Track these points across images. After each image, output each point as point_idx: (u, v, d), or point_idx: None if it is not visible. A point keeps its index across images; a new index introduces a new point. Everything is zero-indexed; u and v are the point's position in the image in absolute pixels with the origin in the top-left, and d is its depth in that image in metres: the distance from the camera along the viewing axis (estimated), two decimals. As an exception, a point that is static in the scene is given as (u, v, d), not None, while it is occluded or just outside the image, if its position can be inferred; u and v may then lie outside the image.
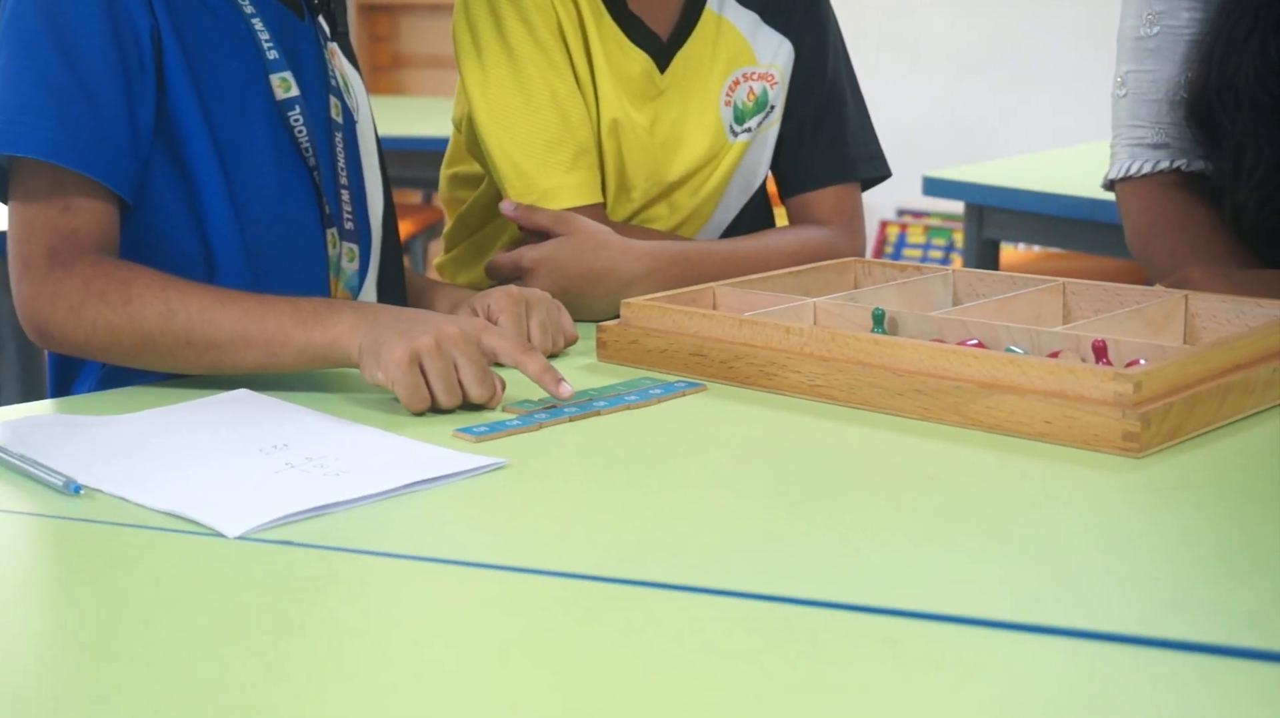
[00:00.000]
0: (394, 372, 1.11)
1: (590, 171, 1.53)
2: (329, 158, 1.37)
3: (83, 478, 0.97)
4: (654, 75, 1.56)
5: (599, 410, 1.15)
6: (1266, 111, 1.44)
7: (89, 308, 1.19)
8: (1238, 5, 1.46)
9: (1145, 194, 1.58)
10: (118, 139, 1.22)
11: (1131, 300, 1.29)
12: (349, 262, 1.38)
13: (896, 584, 0.80)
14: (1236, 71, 1.44)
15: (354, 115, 1.42)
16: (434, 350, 1.11)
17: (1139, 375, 1.01)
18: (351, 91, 1.44)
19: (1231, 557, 0.84)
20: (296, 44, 1.35)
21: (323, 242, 1.36)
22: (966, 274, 1.40)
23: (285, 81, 1.32)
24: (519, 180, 1.51)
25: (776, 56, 1.61)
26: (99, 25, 1.22)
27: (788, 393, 1.19)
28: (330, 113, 1.37)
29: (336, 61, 1.41)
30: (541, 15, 1.51)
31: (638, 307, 1.31)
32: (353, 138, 1.41)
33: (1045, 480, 0.98)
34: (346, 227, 1.38)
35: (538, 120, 1.51)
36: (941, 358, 1.11)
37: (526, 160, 1.51)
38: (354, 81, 1.46)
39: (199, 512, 0.91)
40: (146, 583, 0.84)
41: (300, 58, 1.35)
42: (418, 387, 1.11)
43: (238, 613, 0.79)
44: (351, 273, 1.39)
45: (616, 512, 0.94)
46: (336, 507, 0.93)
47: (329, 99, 1.37)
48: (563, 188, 1.50)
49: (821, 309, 1.29)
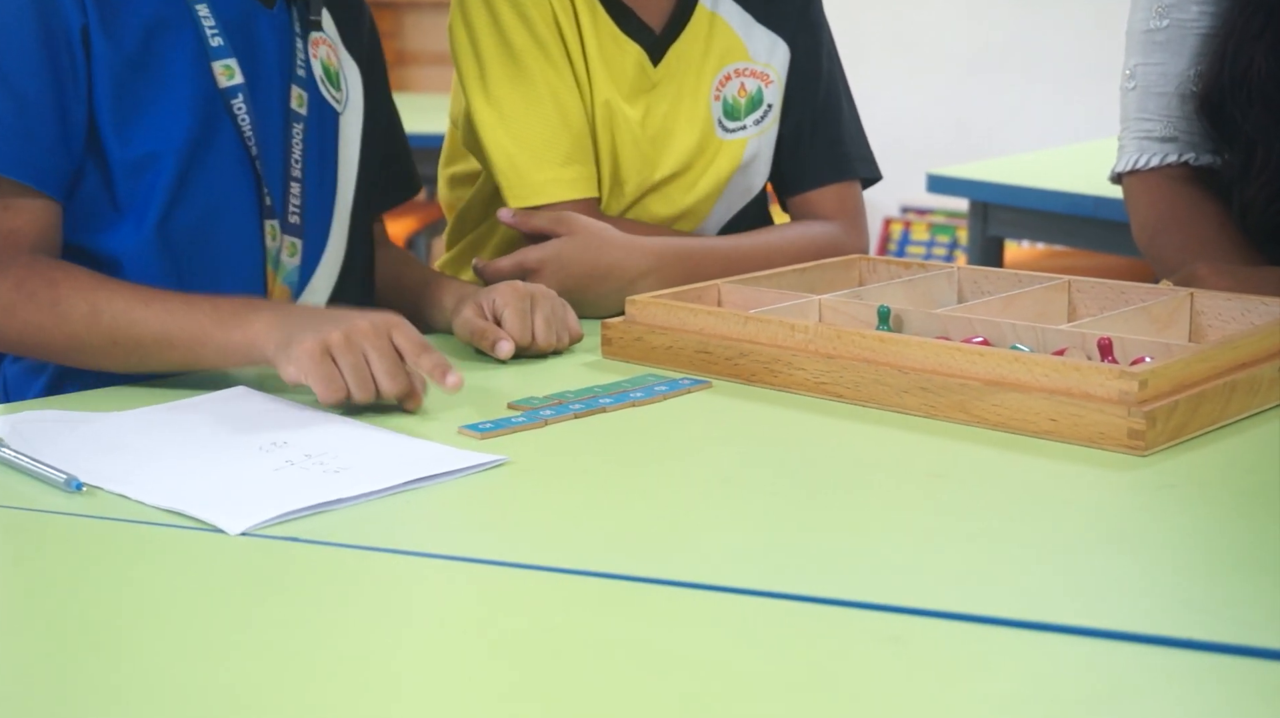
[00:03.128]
0: (305, 363, 1.11)
1: (587, 166, 1.53)
2: (281, 148, 1.35)
3: (83, 475, 0.97)
4: (647, 68, 1.56)
5: (604, 408, 1.15)
6: (1278, 107, 1.43)
7: (20, 309, 1.20)
8: (1251, 0, 1.45)
9: (1153, 188, 1.58)
10: (46, 139, 1.24)
11: (1137, 298, 1.29)
12: (290, 256, 1.36)
13: (901, 582, 0.80)
14: (1249, 67, 1.44)
15: (337, 108, 1.41)
16: (344, 343, 1.11)
17: (1144, 373, 1.01)
18: (342, 85, 1.43)
19: (1237, 555, 0.84)
20: (256, 32, 1.35)
21: (259, 233, 1.34)
22: (971, 272, 1.40)
23: (229, 69, 1.31)
24: (515, 175, 1.51)
25: (772, 56, 1.61)
26: (29, 26, 1.23)
27: (793, 390, 1.19)
28: (291, 103, 1.36)
29: (320, 52, 1.40)
30: (538, 10, 1.51)
31: (643, 304, 1.31)
32: (325, 131, 1.40)
33: (1050, 478, 0.98)
34: (291, 220, 1.36)
35: (535, 115, 1.51)
36: (947, 355, 1.11)
37: (522, 155, 1.51)
38: (350, 75, 1.45)
39: (200, 509, 0.91)
40: (148, 580, 0.84)
41: (258, 46, 1.35)
42: (332, 377, 1.11)
43: (241, 609, 0.79)
44: (292, 268, 1.37)
45: (621, 509, 0.94)
46: (337, 504, 0.93)
47: (290, 89, 1.36)
48: (559, 181, 1.50)
49: (827, 306, 1.29)
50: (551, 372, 1.29)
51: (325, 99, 1.40)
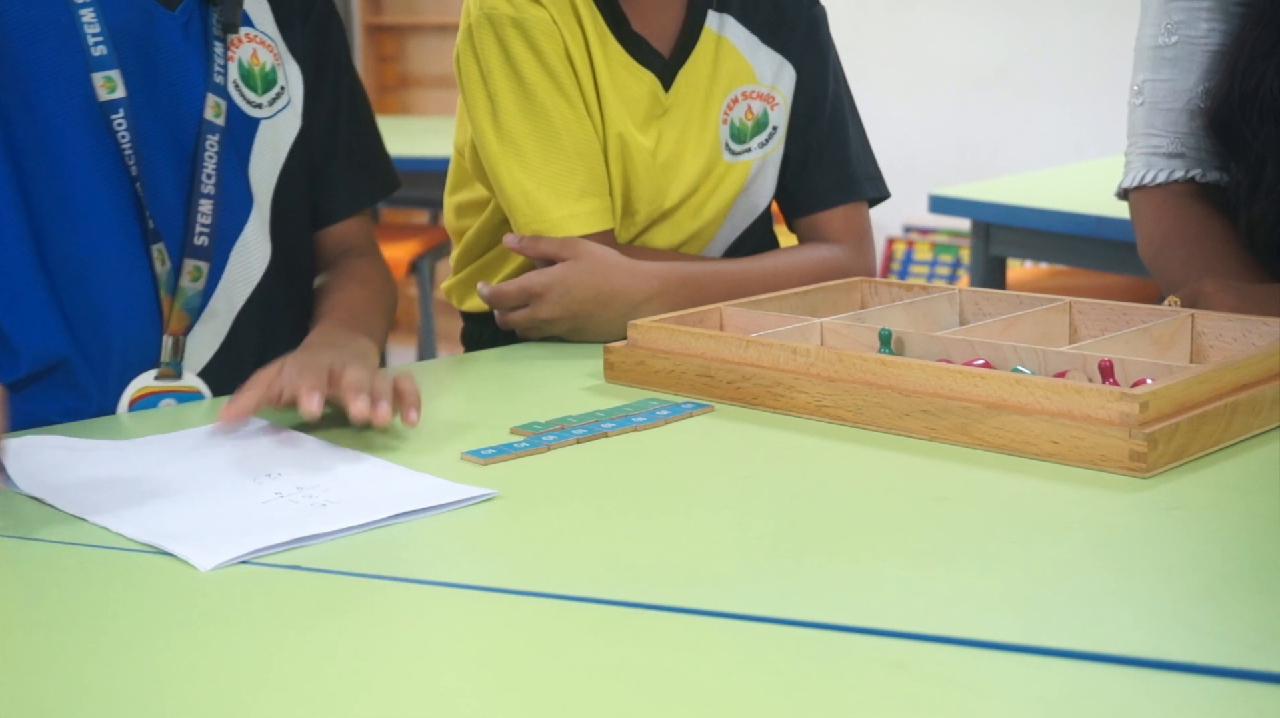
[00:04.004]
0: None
1: (601, 199, 1.53)
2: (186, 163, 1.28)
3: (70, 507, 0.97)
4: (659, 95, 1.56)
5: (606, 432, 1.15)
6: None
7: None
8: (1262, 17, 1.46)
9: (1159, 203, 1.58)
10: None
11: (1138, 319, 1.29)
12: (192, 280, 1.30)
13: (904, 607, 0.80)
14: (1260, 84, 1.44)
15: (255, 114, 1.34)
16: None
17: (1145, 396, 1.02)
18: (275, 88, 1.36)
19: (1239, 578, 0.84)
20: (155, 37, 1.27)
21: (146, 257, 1.28)
22: (973, 293, 1.40)
23: (110, 82, 1.24)
24: (530, 210, 1.51)
25: (778, 79, 1.61)
26: None
27: (795, 413, 1.19)
28: (206, 113, 1.29)
29: (240, 54, 1.33)
30: (550, 42, 1.51)
31: (645, 328, 1.31)
32: (246, 140, 1.33)
33: (1052, 501, 0.98)
34: (198, 242, 1.29)
35: (549, 149, 1.51)
36: (948, 378, 1.11)
37: (538, 189, 1.50)
38: (291, 76, 1.38)
39: (174, 544, 0.91)
40: (131, 608, 0.83)
41: (157, 52, 1.27)
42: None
43: (225, 638, 0.79)
44: (193, 293, 1.31)
45: (623, 534, 0.94)
46: (313, 539, 0.92)
47: (206, 98, 1.29)
48: (575, 216, 1.50)
49: (828, 329, 1.30)
50: (554, 396, 1.29)
51: (239, 107, 1.33)
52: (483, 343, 1.62)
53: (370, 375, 1.12)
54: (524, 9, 1.50)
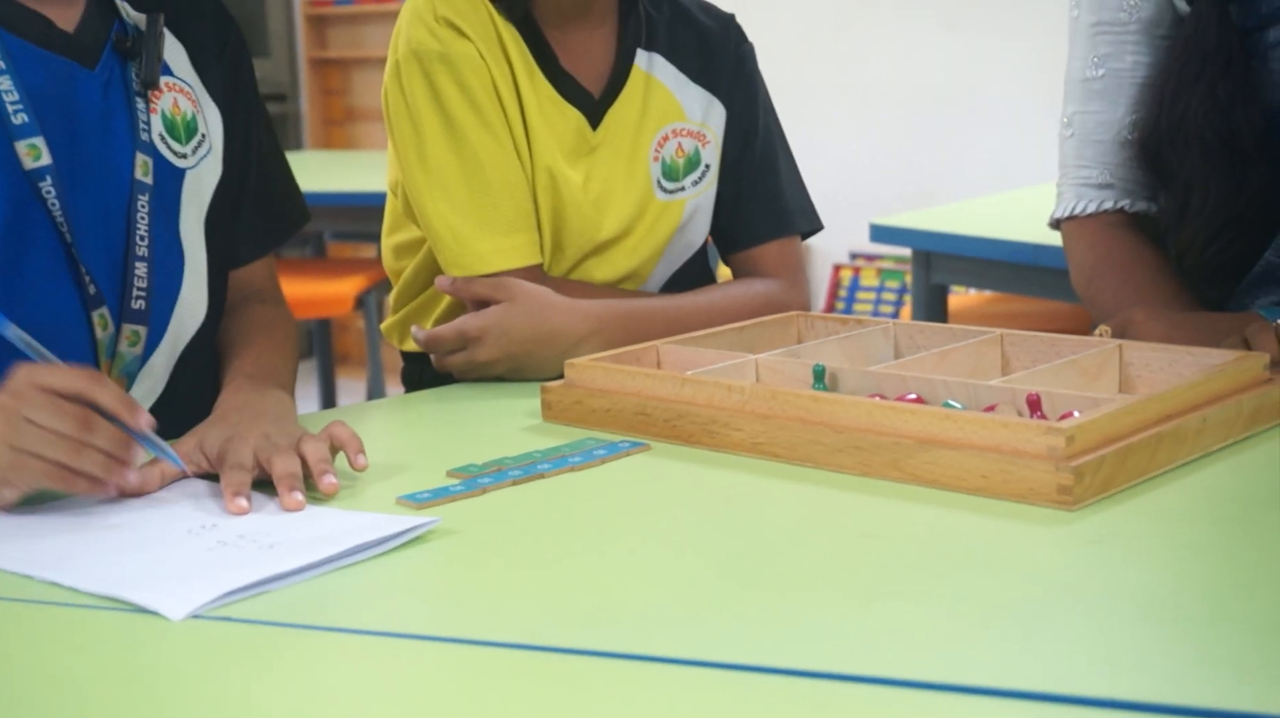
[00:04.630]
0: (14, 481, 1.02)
1: (529, 234, 1.53)
2: (119, 226, 1.26)
3: (8, 563, 0.96)
4: (586, 132, 1.57)
5: (543, 473, 1.15)
6: (1214, 151, 1.46)
7: None
8: (1187, 47, 1.49)
9: (1090, 233, 1.60)
10: None
11: (1068, 350, 1.31)
12: (130, 345, 1.28)
13: (831, 647, 0.81)
14: (1185, 112, 1.47)
15: (181, 164, 1.32)
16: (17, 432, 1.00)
17: (1071, 429, 1.03)
18: (196, 135, 1.33)
19: (1164, 611, 0.85)
20: (77, 99, 1.24)
21: (87, 323, 1.25)
22: (907, 327, 1.42)
23: (34, 149, 1.20)
24: (456, 245, 1.51)
25: (708, 117, 1.63)
26: None
27: (730, 451, 1.20)
28: (135, 172, 1.27)
29: (161, 104, 1.30)
30: (476, 77, 1.51)
31: (581, 367, 1.32)
32: (174, 193, 1.31)
33: (982, 536, 0.99)
34: (134, 306, 1.27)
35: (475, 184, 1.51)
36: (880, 414, 1.12)
37: (463, 224, 1.51)
38: (211, 120, 1.36)
39: (139, 594, 0.90)
40: (82, 664, 0.83)
41: (79, 115, 1.24)
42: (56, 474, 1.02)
43: (177, 693, 0.79)
44: (131, 358, 1.28)
45: (559, 579, 0.94)
46: (280, 580, 0.92)
47: (135, 157, 1.27)
48: (500, 250, 1.51)
49: (764, 366, 1.31)
50: (492, 437, 1.29)
51: (166, 159, 1.30)
52: (423, 383, 1.62)
53: (294, 455, 1.10)
54: (450, 44, 1.50)
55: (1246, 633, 0.81)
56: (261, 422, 1.17)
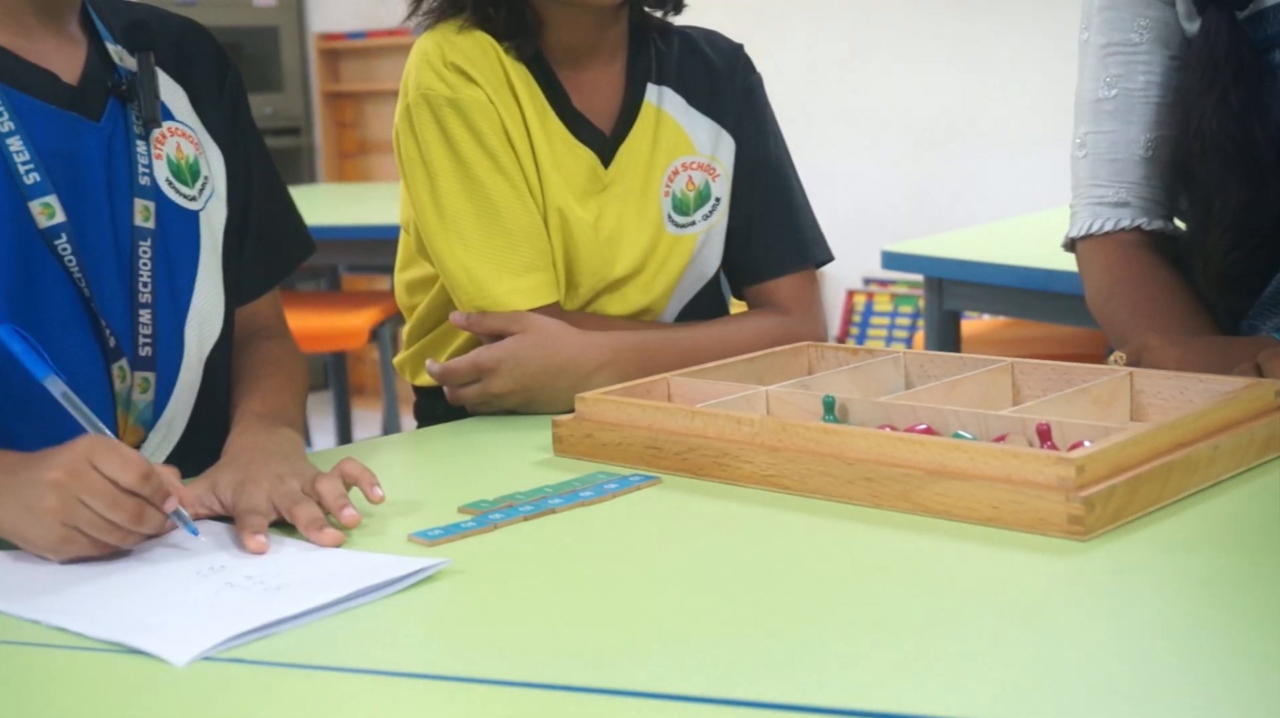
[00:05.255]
0: (55, 552, 1.04)
1: (545, 273, 1.53)
2: (126, 275, 1.26)
3: (15, 609, 0.96)
4: (599, 171, 1.58)
5: (554, 508, 1.15)
6: (1231, 158, 1.46)
7: None
8: (1199, 57, 1.49)
9: (1106, 253, 1.60)
10: None
11: (1079, 379, 1.30)
12: (141, 393, 1.28)
13: (845, 683, 0.80)
14: (1202, 121, 1.47)
15: (193, 207, 1.32)
16: (62, 509, 1.01)
17: (1082, 459, 1.03)
18: (201, 175, 1.33)
19: (1175, 644, 0.85)
20: (82, 153, 1.25)
21: (107, 377, 1.25)
22: (918, 356, 1.42)
23: (48, 208, 1.21)
24: (473, 287, 1.52)
25: (717, 149, 1.63)
26: None
27: (741, 483, 1.20)
28: (135, 219, 1.26)
29: (166, 148, 1.30)
30: (487, 121, 1.52)
31: (592, 401, 1.32)
32: (182, 237, 1.31)
33: (992, 567, 0.99)
34: (142, 353, 1.27)
35: (489, 227, 1.51)
36: (890, 446, 1.12)
37: (480, 266, 1.51)
38: (213, 160, 1.36)
39: (144, 640, 0.90)
40: (87, 709, 0.83)
41: (85, 168, 1.25)
42: (84, 548, 1.03)
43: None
44: (144, 404, 1.28)
45: (571, 616, 0.94)
46: (285, 623, 0.92)
47: (133, 203, 1.26)
48: (517, 291, 1.51)
49: (774, 398, 1.31)
50: (504, 472, 1.29)
51: (176, 203, 1.30)
52: (436, 417, 1.63)
53: (311, 501, 1.11)
54: (460, 89, 1.51)
55: (1261, 666, 0.80)
56: (272, 462, 1.17)
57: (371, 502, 1.14)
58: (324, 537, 1.08)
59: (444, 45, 1.53)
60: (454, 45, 1.53)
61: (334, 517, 1.11)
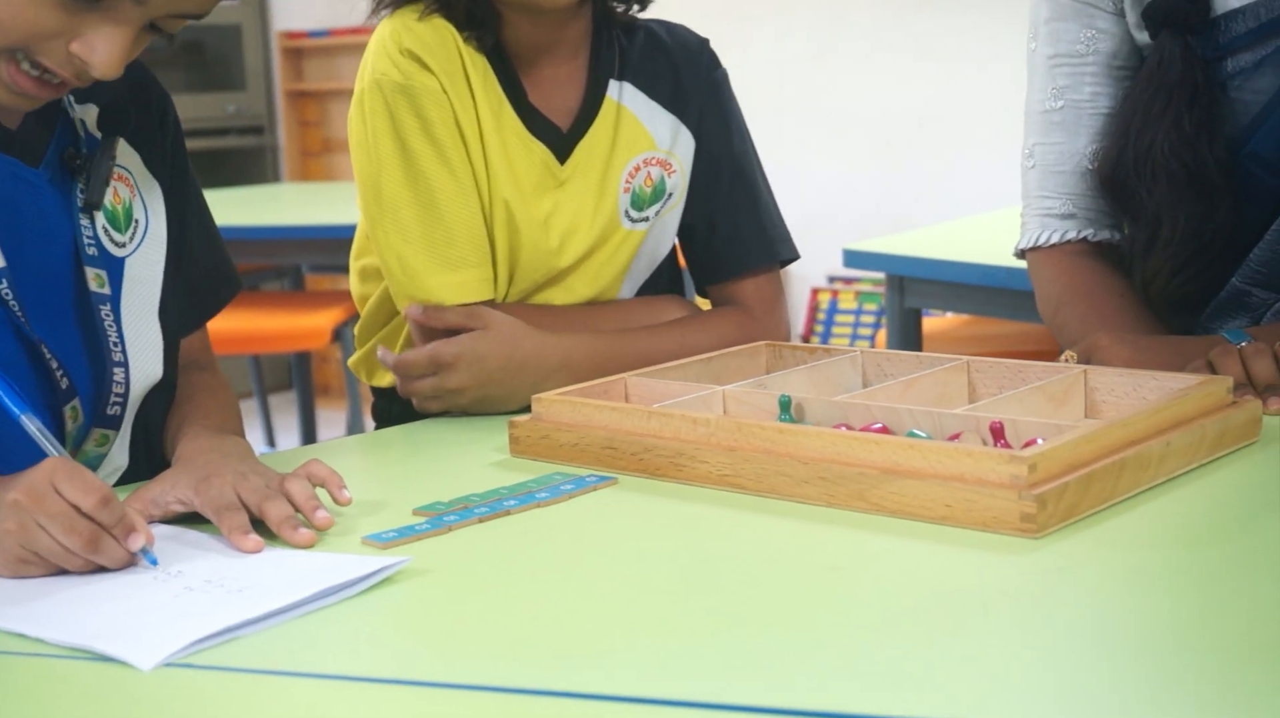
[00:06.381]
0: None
1: (481, 269, 1.53)
2: (91, 332, 1.25)
3: None
4: (554, 167, 1.57)
5: (509, 510, 1.15)
6: (1181, 183, 1.48)
7: None
8: (1152, 80, 1.50)
9: (1055, 263, 1.62)
10: None
11: (1034, 377, 1.31)
12: (97, 446, 1.28)
13: (800, 684, 0.81)
14: (1152, 144, 1.48)
15: (121, 253, 1.31)
16: (20, 532, 1.01)
17: (1034, 457, 1.03)
18: (138, 222, 1.32)
19: (1127, 639, 0.86)
20: (17, 197, 1.23)
21: (57, 418, 1.23)
22: (875, 355, 1.42)
23: None
24: (406, 278, 1.51)
25: (675, 145, 1.62)
26: None
27: (698, 483, 1.20)
28: (90, 285, 1.26)
29: (109, 198, 1.29)
30: (437, 110, 1.51)
31: (549, 401, 1.31)
32: (117, 283, 1.29)
33: (946, 566, 0.99)
34: (110, 411, 1.26)
35: (428, 218, 1.51)
36: (844, 445, 1.12)
37: (415, 258, 1.50)
38: (150, 201, 1.34)
39: (108, 645, 0.89)
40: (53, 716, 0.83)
41: (25, 220, 1.23)
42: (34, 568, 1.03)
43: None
44: (97, 455, 1.28)
45: (527, 619, 0.94)
46: (249, 626, 0.92)
47: (86, 271, 1.25)
48: (449, 285, 1.50)
49: (730, 397, 1.31)
50: (460, 473, 1.29)
51: (109, 250, 1.29)
52: (393, 418, 1.62)
53: (282, 498, 1.11)
54: (413, 76, 1.50)
55: (1211, 661, 0.81)
56: (230, 461, 1.17)
57: (340, 504, 1.14)
58: (298, 536, 1.08)
59: (402, 32, 1.52)
60: (412, 32, 1.52)
61: (306, 518, 1.10)
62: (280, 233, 3.65)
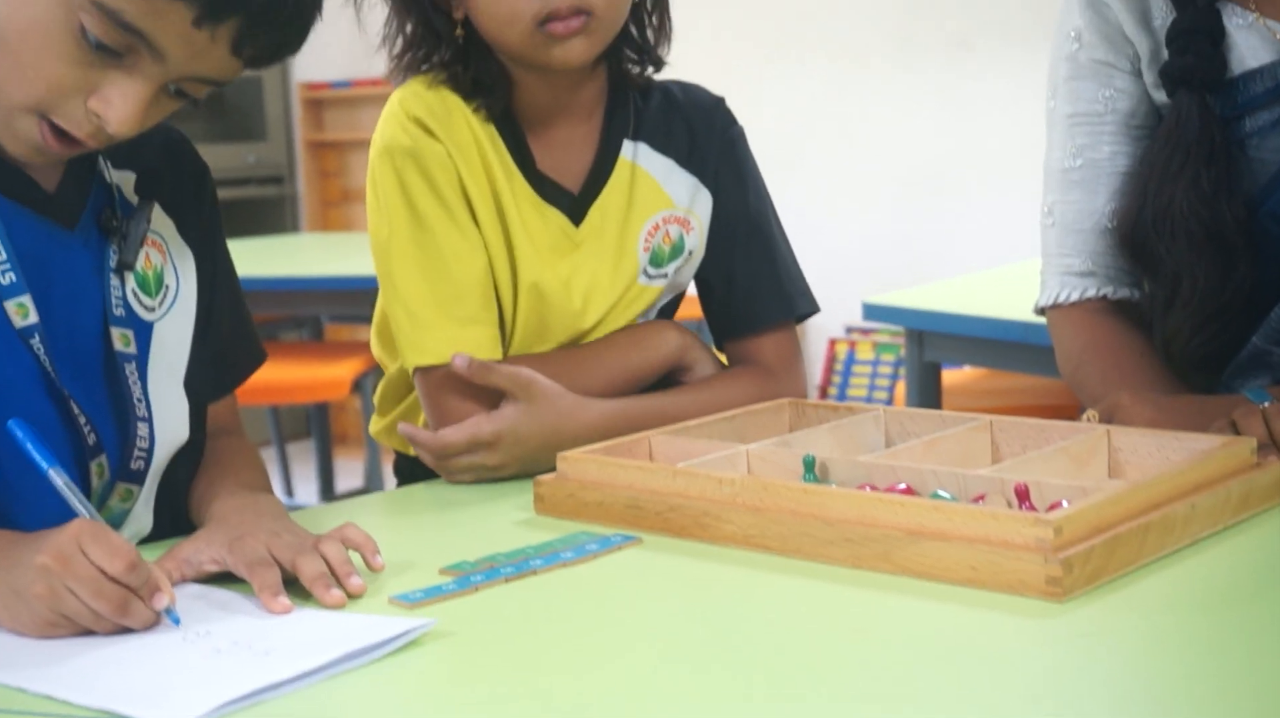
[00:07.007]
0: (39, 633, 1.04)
1: (488, 328, 1.53)
2: (117, 389, 1.27)
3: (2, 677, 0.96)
4: (569, 230, 1.58)
5: (535, 570, 1.16)
6: (1200, 241, 1.48)
7: None
8: (1170, 139, 1.51)
9: (1075, 320, 1.62)
10: None
11: (1057, 437, 1.31)
12: (121, 501, 1.28)
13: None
14: (1170, 203, 1.49)
15: (150, 318, 1.32)
16: (49, 595, 1.02)
17: (1059, 520, 1.04)
18: (168, 288, 1.33)
19: (1150, 709, 0.86)
20: (51, 258, 1.25)
21: (84, 473, 1.24)
22: (897, 413, 1.43)
23: (23, 308, 1.21)
24: (414, 331, 1.51)
25: (694, 203, 1.63)
26: None
27: (722, 543, 1.20)
28: (115, 344, 1.27)
29: (140, 262, 1.30)
30: (443, 173, 1.52)
31: (574, 460, 1.32)
32: (145, 347, 1.30)
33: (971, 629, 0.99)
34: (133, 466, 1.27)
35: (437, 276, 1.51)
36: (869, 506, 1.12)
37: (423, 311, 1.51)
38: (182, 267, 1.35)
39: (136, 707, 0.89)
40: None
41: (56, 279, 1.25)
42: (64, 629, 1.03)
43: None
44: (120, 512, 1.29)
45: (552, 680, 0.94)
46: (277, 688, 0.92)
47: (110, 332, 1.27)
48: (455, 341, 1.50)
49: (755, 456, 1.31)
50: (485, 532, 1.30)
51: (138, 313, 1.30)
52: (415, 475, 1.62)
53: (317, 555, 1.12)
54: (419, 140, 1.52)
55: (1235, 729, 0.81)
56: (264, 520, 1.18)
57: (373, 570, 1.14)
58: (330, 596, 1.08)
59: (410, 100, 1.54)
60: (420, 100, 1.54)
61: (340, 582, 1.11)
62: (300, 284, 3.68)
